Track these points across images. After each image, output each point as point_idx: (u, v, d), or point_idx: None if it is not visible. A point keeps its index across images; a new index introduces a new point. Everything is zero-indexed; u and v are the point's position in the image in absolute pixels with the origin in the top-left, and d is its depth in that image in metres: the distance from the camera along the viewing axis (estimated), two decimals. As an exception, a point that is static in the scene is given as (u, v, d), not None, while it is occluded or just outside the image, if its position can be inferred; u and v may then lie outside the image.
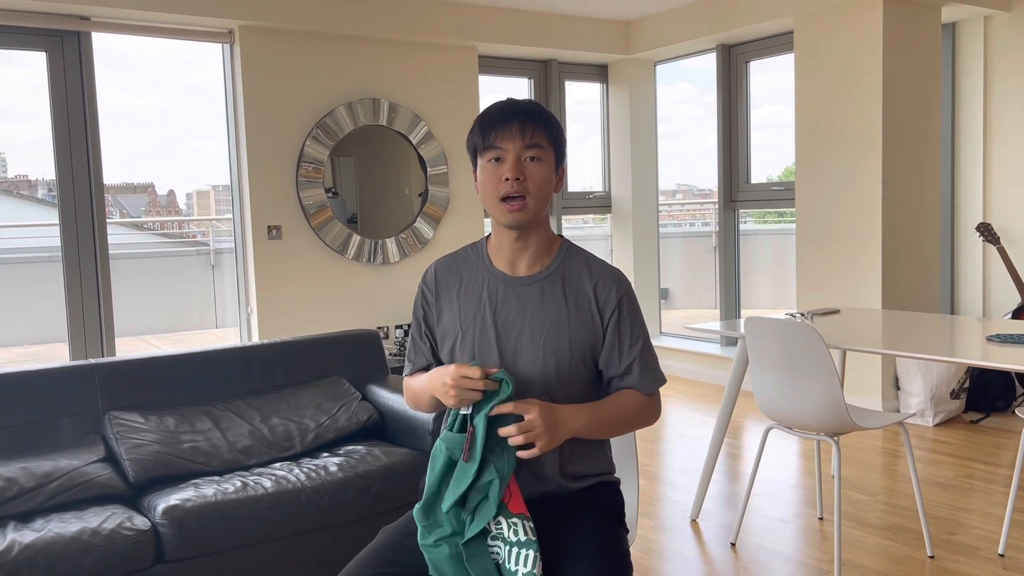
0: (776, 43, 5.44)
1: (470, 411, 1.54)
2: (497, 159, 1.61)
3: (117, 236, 6.37)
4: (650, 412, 1.70)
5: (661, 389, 1.73)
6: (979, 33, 5.25)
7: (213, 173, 6.72)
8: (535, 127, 1.61)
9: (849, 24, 4.69)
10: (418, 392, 1.71)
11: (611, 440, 1.81)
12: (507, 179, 1.59)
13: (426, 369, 1.75)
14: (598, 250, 1.80)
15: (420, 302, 1.75)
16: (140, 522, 2.36)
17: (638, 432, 2.19)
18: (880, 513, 3.34)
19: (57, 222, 4.38)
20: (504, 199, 1.60)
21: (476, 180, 1.67)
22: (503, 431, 1.51)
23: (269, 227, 4.76)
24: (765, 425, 3.05)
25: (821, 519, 3.31)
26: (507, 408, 1.50)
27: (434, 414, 2.81)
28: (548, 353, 1.63)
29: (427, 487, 1.58)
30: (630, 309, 1.68)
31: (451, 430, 1.56)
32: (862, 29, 4.63)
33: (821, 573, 2.84)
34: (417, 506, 1.59)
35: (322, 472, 2.65)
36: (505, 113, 1.62)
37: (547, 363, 1.62)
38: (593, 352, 1.66)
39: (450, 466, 1.56)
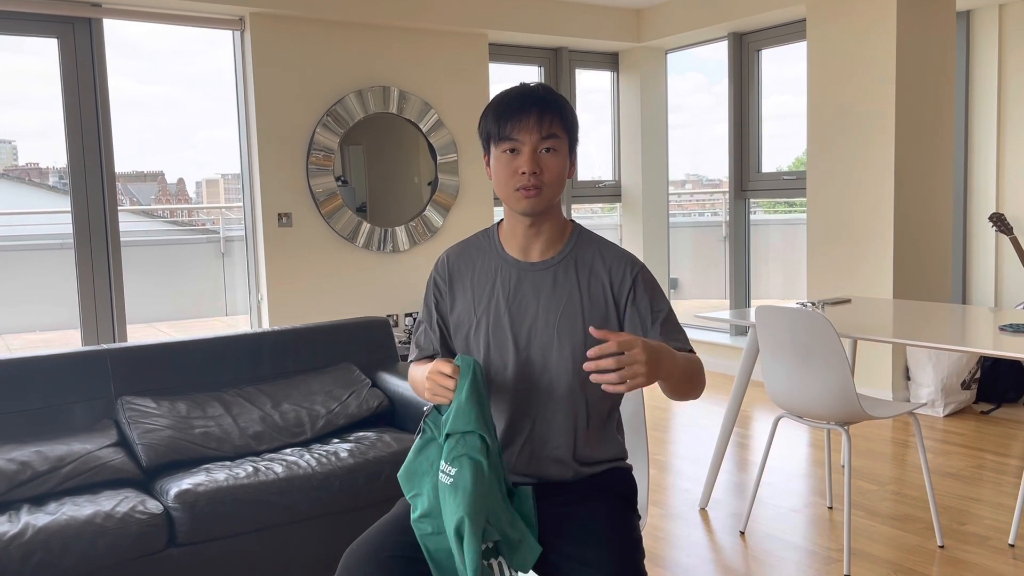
0: (788, 31, 5.41)
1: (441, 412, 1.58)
2: (512, 150, 1.59)
3: (128, 224, 6.39)
4: (702, 374, 1.63)
5: None
6: (994, 21, 5.21)
7: (222, 161, 6.73)
8: (551, 118, 1.58)
9: (862, 12, 4.65)
10: (417, 382, 1.71)
11: (623, 426, 1.81)
12: (523, 172, 1.58)
13: (431, 358, 1.74)
14: (607, 239, 1.78)
15: (432, 291, 1.75)
16: (153, 506, 2.37)
17: (648, 420, 2.19)
18: (890, 503, 3.34)
19: (68, 209, 4.40)
20: (519, 188, 1.60)
21: (488, 166, 1.67)
22: (593, 354, 1.40)
23: (279, 215, 4.77)
24: (775, 414, 3.05)
25: (831, 508, 3.30)
26: (611, 347, 1.38)
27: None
28: (562, 337, 1.62)
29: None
30: (646, 286, 1.66)
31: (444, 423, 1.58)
32: (875, 17, 4.59)
33: (830, 562, 2.84)
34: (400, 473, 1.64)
35: (333, 458, 2.66)
36: (521, 103, 1.59)
37: (562, 347, 1.62)
38: None
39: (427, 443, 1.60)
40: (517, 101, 1.59)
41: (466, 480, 1.48)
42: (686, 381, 1.58)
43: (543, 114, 1.58)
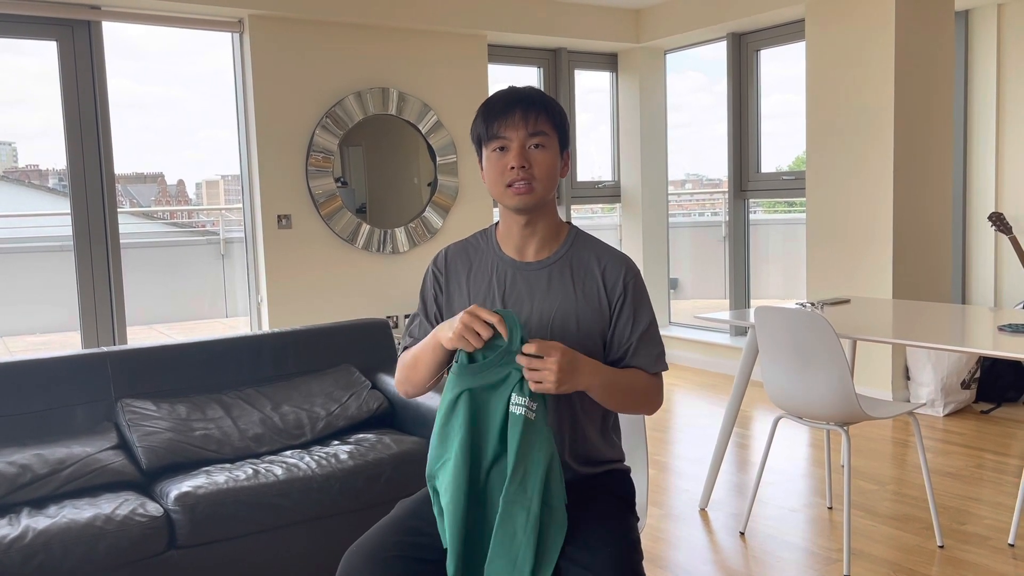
0: (787, 31, 5.41)
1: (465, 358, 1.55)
2: (502, 148, 1.62)
3: (127, 225, 6.39)
4: (653, 395, 1.69)
5: (670, 378, 1.73)
6: (992, 20, 5.21)
7: (222, 162, 6.74)
8: (538, 114, 1.62)
9: (861, 12, 4.66)
10: (418, 352, 1.66)
11: (621, 428, 1.82)
12: (512, 168, 1.60)
13: None
14: (607, 239, 1.80)
15: (431, 284, 1.76)
16: (153, 508, 2.38)
17: (647, 421, 2.19)
18: (890, 503, 3.34)
19: (68, 211, 4.40)
20: (509, 184, 1.61)
21: (482, 169, 1.68)
22: (520, 359, 1.50)
23: (279, 216, 4.77)
24: (774, 415, 3.05)
25: (831, 508, 3.31)
26: (531, 348, 1.49)
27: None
28: (556, 337, 1.64)
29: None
30: (637, 293, 1.69)
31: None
32: (874, 16, 4.60)
33: (830, 562, 2.84)
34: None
35: (333, 460, 2.66)
36: (507, 102, 1.62)
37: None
38: (600, 336, 1.67)
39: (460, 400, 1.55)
40: (503, 101, 1.63)
41: (546, 417, 1.53)
42: (620, 401, 1.64)
43: (528, 110, 1.61)
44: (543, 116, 1.62)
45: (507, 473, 1.49)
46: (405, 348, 1.78)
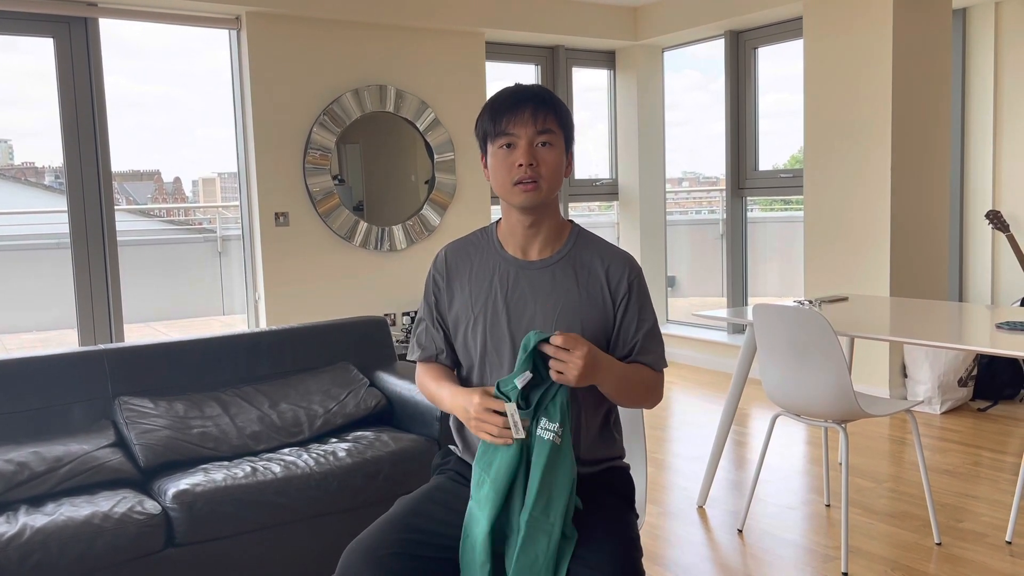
0: (785, 29, 5.41)
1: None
2: (509, 145, 1.62)
3: (124, 223, 6.36)
4: (656, 391, 1.71)
5: (668, 376, 1.74)
6: (990, 19, 5.22)
7: (219, 160, 6.72)
8: (546, 113, 1.62)
9: (859, 10, 4.66)
10: (436, 398, 1.71)
11: (621, 425, 1.82)
12: (520, 165, 1.60)
13: (436, 357, 1.75)
14: (604, 237, 1.80)
15: (431, 288, 1.76)
16: (151, 506, 2.37)
17: (645, 419, 2.19)
18: (887, 500, 3.35)
19: (65, 209, 4.39)
20: (516, 182, 1.61)
21: (485, 166, 1.68)
22: (547, 348, 1.51)
23: (276, 214, 4.77)
24: (772, 412, 3.06)
25: (828, 506, 3.31)
26: (558, 341, 1.50)
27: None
28: None
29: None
30: (640, 292, 1.70)
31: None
32: (872, 15, 4.60)
33: (827, 559, 2.84)
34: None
35: (331, 457, 2.66)
36: (516, 99, 1.62)
37: (558, 347, 1.62)
38: (604, 335, 1.67)
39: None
40: (512, 98, 1.63)
41: (570, 440, 1.54)
42: (628, 396, 1.66)
43: (537, 109, 1.61)
44: (551, 115, 1.62)
45: (531, 496, 1.50)
46: (415, 359, 1.79)
